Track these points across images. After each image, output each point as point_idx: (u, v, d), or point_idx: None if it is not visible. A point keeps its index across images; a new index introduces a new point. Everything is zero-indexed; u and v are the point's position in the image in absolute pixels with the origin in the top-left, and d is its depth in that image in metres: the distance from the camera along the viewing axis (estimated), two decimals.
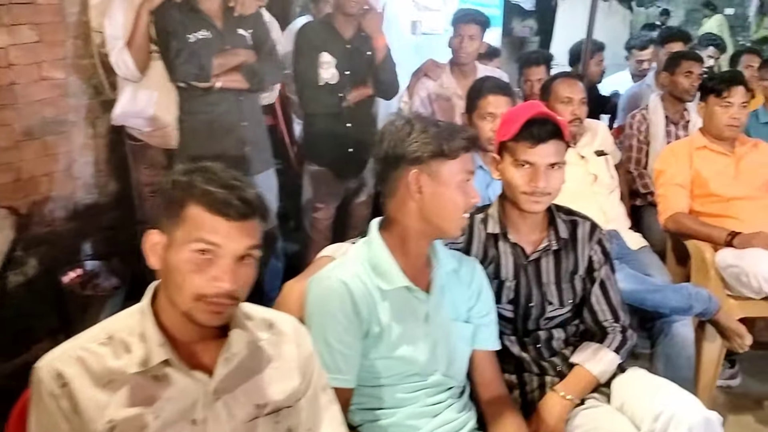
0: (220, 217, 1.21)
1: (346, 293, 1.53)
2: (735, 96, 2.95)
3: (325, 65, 3.07)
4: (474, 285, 1.74)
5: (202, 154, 2.87)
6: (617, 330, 1.92)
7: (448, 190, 1.56)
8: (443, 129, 1.58)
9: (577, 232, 1.95)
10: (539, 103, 2.01)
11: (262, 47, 2.96)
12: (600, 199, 3.02)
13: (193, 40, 2.79)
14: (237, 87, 2.88)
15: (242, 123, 2.96)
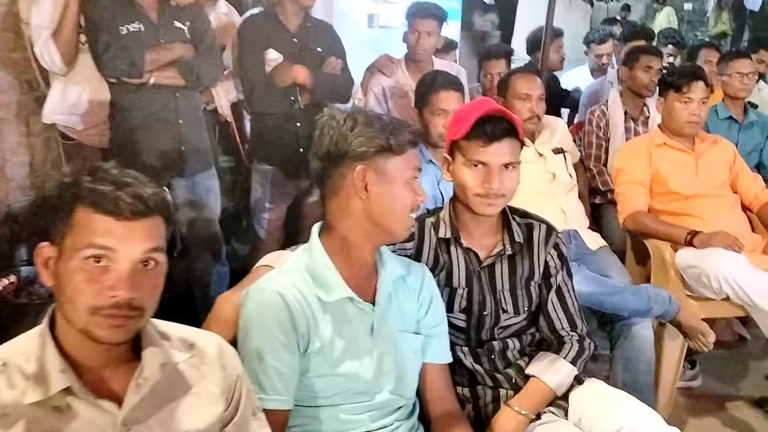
0: (110, 217, 1.09)
1: (282, 306, 1.41)
2: (695, 92, 2.89)
3: (272, 62, 2.92)
4: (424, 294, 1.63)
5: (135, 154, 2.78)
6: (574, 339, 1.83)
7: (396, 188, 1.46)
8: (387, 123, 1.48)
9: (532, 235, 1.85)
10: (492, 99, 1.90)
11: (200, 41, 2.81)
12: (559, 198, 2.93)
13: (125, 32, 2.63)
14: (172, 84, 2.73)
15: (179, 121, 2.81)
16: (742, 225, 2.88)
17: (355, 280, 1.50)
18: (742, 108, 3.62)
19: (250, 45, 2.96)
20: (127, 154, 2.77)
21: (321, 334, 1.45)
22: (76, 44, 2.67)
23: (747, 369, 3.20)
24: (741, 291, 2.50)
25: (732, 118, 3.59)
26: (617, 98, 3.65)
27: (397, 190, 1.46)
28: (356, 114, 1.48)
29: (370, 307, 1.51)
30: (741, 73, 3.53)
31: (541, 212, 2.85)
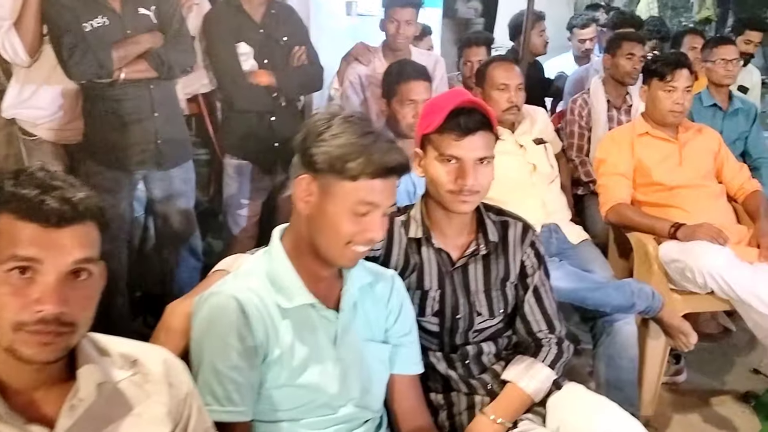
0: (35, 224, 0.98)
1: (238, 310, 1.31)
2: (679, 80, 2.80)
3: (244, 57, 2.81)
4: (392, 302, 1.54)
5: (108, 148, 2.67)
6: (552, 342, 1.75)
7: (336, 213, 1.33)
8: (361, 142, 1.31)
9: (508, 234, 1.76)
10: (464, 90, 1.81)
11: (168, 26, 2.68)
12: (539, 190, 2.85)
13: (89, 29, 2.51)
14: (144, 77, 2.62)
15: (154, 114, 2.70)
16: (727, 216, 2.81)
17: (318, 286, 1.41)
18: (726, 95, 3.55)
19: (220, 39, 2.85)
20: (101, 149, 2.68)
21: (280, 342, 1.36)
22: (39, 34, 2.55)
23: (732, 362, 3.14)
24: (726, 285, 2.43)
25: (716, 106, 3.51)
26: (599, 86, 3.56)
27: (338, 216, 1.33)
28: (339, 119, 1.35)
29: (333, 314, 1.42)
30: (725, 59, 3.45)
31: (521, 205, 2.80)
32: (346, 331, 1.44)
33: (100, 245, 1.07)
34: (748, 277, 2.43)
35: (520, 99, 2.85)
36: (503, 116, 2.86)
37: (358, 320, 1.47)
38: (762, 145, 3.55)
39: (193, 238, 2.95)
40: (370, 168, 1.29)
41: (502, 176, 2.82)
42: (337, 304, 1.44)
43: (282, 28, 2.95)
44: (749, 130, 3.55)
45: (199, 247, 3.02)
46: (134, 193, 2.84)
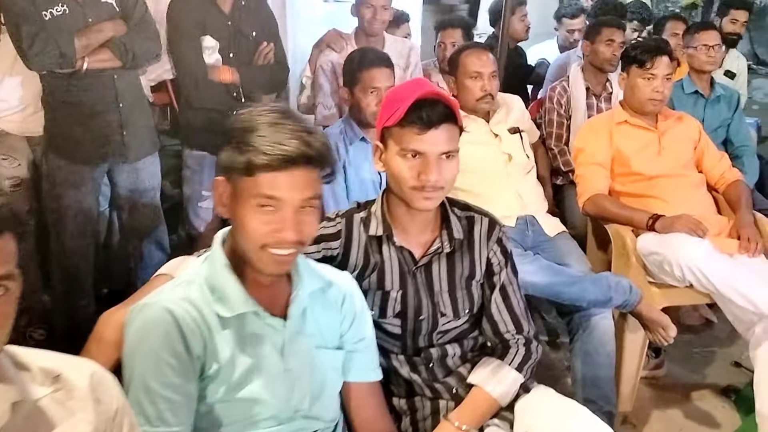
0: None
1: (171, 324, 1.22)
2: (659, 67, 2.72)
3: (208, 51, 2.70)
4: (346, 306, 1.45)
5: (72, 141, 2.57)
6: (520, 343, 1.67)
7: (244, 214, 1.24)
8: (262, 133, 1.22)
9: (473, 230, 1.67)
10: (426, 80, 1.71)
11: (132, 13, 2.58)
12: (514, 181, 2.77)
13: (49, 17, 2.41)
14: (107, 67, 2.52)
15: (119, 104, 2.61)
16: (707, 207, 2.75)
17: (262, 293, 1.32)
18: (708, 82, 3.47)
19: (183, 30, 2.73)
20: (63, 142, 2.59)
21: (220, 355, 1.27)
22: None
23: (714, 355, 3.08)
24: (704, 278, 2.36)
25: (698, 93, 3.44)
26: (579, 74, 3.48)
27: (245, 218, 1.24)
28: (255, 114, 1.26)
29: (280, 322, 1.33)
30: (707, 45, 3.37)
31: (496, 196, 2.75)
32: (294, 339, 1.35)
33: (17, 256, 0.98)
34: (727, 269, 2.36)
35: (494, 87, 2.77)
36: (477, 105, 2.79)
37: (308, 327, 1.38)
38: (744, 133, 3.49)
39: (160, 232, 2.85)
40: (265, 159, 1.20)
41: (477, 167, 2.79)
42: (285, 311, 1.35)
43: (252, 21, 2.85)
44: (731, 118, 3.48)
45: (166, 241, 2.93)
46: (100, 187, 2.75)
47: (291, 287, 1.37)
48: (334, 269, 1.49)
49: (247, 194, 1.23)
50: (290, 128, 1.22)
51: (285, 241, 1.23)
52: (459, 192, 2.79)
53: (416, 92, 1.51)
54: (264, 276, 1.31)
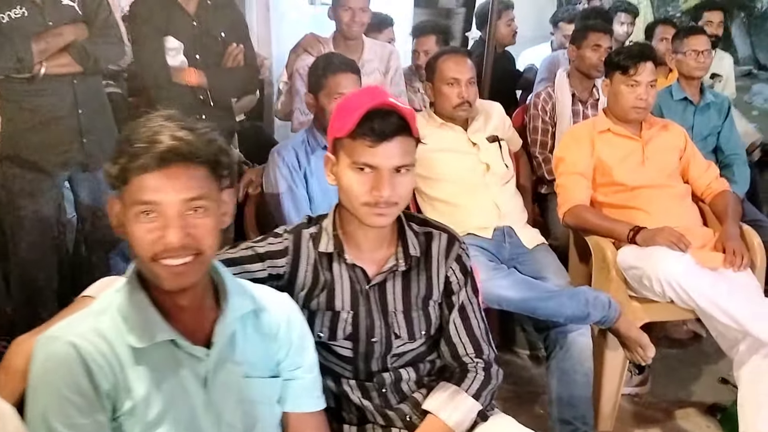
0: None
1: (75, 360, 1.12)
2: (642, 74, 2.63)
3: (172, 52, 2.62)
4: (284, 330, 1.35)
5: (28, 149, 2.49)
6: (479, 367, 1.57)
7: (131, 227, 1.16)
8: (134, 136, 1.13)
9: (431, 247, 1.58)
10: (379, 88, 1.62)
11: (95, 17, 2.51)
12: (493, 191, 2.69)
13: (6, 20, 2.35)
14: (67, 72, 2.44)
15: (78, 111, 2.54)
16: (692, 218, 2.65)
17: (183, 319, 1.22)
18: (698, 88, 3.37)
19: (146, 30, 2.64)
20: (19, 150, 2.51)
21: (133, 392, 1.17)
22: None
23: (700, 371, 2.99)
24: (685, 294, 2.27)
25: (687, 100, 3.33)
26: (564, 79, 3.38)
27: (132, 231, 1.15)
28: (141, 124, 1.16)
29: (203, 351, 1.23)
30: (696, 50, 3.27)
31: (473, 207, 2.66)
32: (220, 369, 1.25)
33: None
34: (709, 285, 2.27)
35: (471, 94, 2.68)
36: (454, 113, 2.70)
37: (237, 355, 1.28)
38: (735, 140, 3.38)
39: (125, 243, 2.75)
40: (135, 161, 1.11)
41: (453, 176, 2.71)
42: (209, 339, 1.25)
43: (219, 22, 2.75)
44: (721, 125, 3.37)
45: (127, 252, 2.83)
46: (60, 196, 2.66)
47: (218, 311, 1.27)
48: (271, 290, 1.39)
49: (129, 204, 1.14)
50: (163, 126, 1.13)
51: (170, 247, 1.14)
52: (435, 202, 2.73)
53: (368, 103, 1.41)
54: (186, 298, 1.21)
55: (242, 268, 1.47)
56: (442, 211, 2.71)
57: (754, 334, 2.19)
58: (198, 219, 1.16)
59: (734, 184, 3.17)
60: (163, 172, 1.11)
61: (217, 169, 1.19)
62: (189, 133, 1.14)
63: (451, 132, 2.75)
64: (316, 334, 1.51)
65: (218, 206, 1.21)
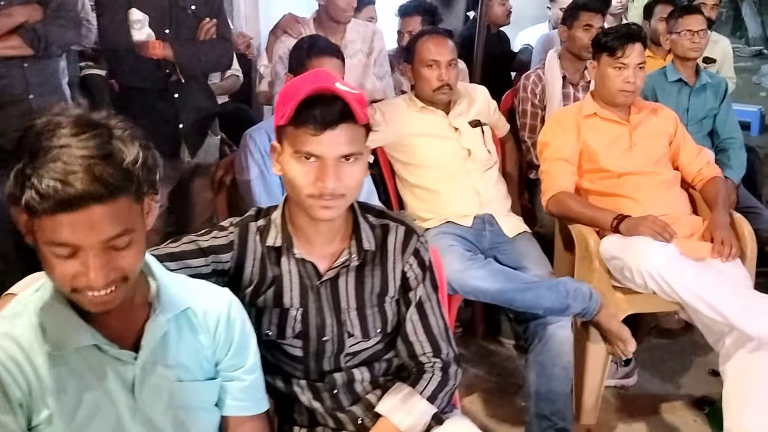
0: None
1: None
2: (630, 56, 2.52)
3: (137, 24, 2.51)
4: (222, 329, 1.27)
5: None
6: (437, 367, 1.50)
7: (42, 254, 1.04)
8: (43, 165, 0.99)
9: (387, 240, 1.50)
10: (326, 71, 1.51)
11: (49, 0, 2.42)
12: (473, 178, 2.60)
13: None
14: (16, 54, 2.35)
15: (29, 96, 2.46)
16: (680, 206, 2.55)
17: (111, 321, 1.14)
18: (693, 69, 3.25)
19: (109, 2, 2.55)
20: None
21: (50, 400, 1.10)
22: None
23: (690, 362, 2.90)
24: (667, 286, 2.18)
25: (682, 81, 3.22)
26: (555, 61, 3.28)
27: (45, 261, 1.04)
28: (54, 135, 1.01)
29: (130, 355, 1.16)
30: (691, 30, 3.15)
31: (453, 194, 2.57)
32: (149, 373, 1.18)
33: None
34: (693, 277, 2.17)
35: (452, 77, 2.59)
36: (434, 96, 2.62)
37: (169, 358, 1.21)
38: (731, 124, 3.26)
39: None
40: (43, 204, 0.97)
41: (433, 162, 2.62)
42: (138, 341, 1.18)
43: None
44: (718, 108, 3.25)
45: None
46: None
47: (148, 311, 1.20)
48: (210, 286, 1.32)
49: (41, 240, 1.03)
50: (72, 155, 0.99)
51: (93, 287, 1.05)
52: (415, 188, 2.65)
53: (308, 86, 1.33)
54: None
55: (183, 264, 1.40)
56: (422, 197, 2.63)
57: (739, 327, 2.10)
58: (122, 252, 1.06)
59: (729, 170, 3.08)
60: (79, 214, 0.99)
61: (140, 190, 1.07)
62: (105, 166, 1.00)
63: (432, 116, 2.66)
64: (264, 332, 1.44)
65: (144, 225, 1.11)
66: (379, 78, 3.14)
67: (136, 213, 1.07)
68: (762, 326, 2.08)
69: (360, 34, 3.11)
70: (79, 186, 0.97)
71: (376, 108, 2.73)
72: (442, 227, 2.50)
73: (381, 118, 2.67)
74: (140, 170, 1.06)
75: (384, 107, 2.73)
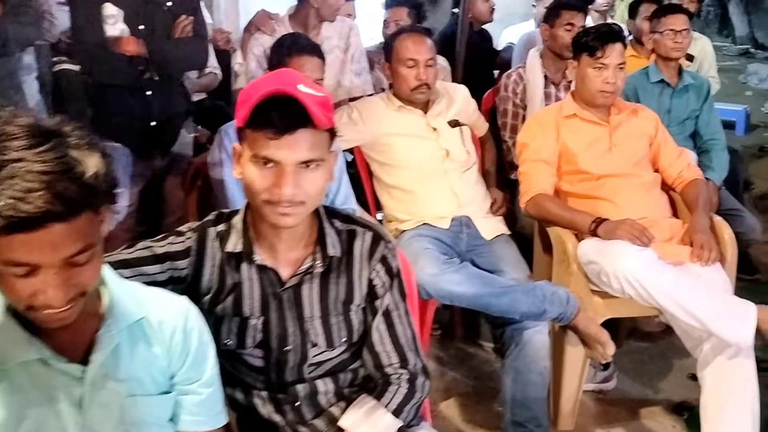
0: None
1: None
2: (610, 56, 2.48)
3: (110, 19, 2.45)
4: (178, 339, 1.22)
5: None
6: (403, 379, 1.45)
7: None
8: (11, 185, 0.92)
9: (353, 246, 1.44)
10: (292, 71, 1.45)
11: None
12: (452, 179, 2.56)
13: None
14: None
15: None
16: (660, 209, 2.52)
17: (59, 333, 1.08)
18: (676, 70, 3.22)
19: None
20: None
21: None
22: None
23: (670, 366, 2.87)
24: (645, 292, 2.14)
25: (664, 82, 3.19)
26: (537, 60, 3.23)
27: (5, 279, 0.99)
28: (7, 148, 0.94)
29: (78, 369, 1.11)
30: (673, 30, 3.12)
31: (431, 194, 2.53)
32: (98, 387, 1.12)
33: None
34: (671, 282, 2.14)
35: (430, 76, 2.54)
36: (412, 95, 2.57)
37: (121, 371, 1.15)
38: (714, 125, 3.24)
39: None
40: (0, 222, 0.92)
41: (411, 163, 2.57)
42: (87, 353, 1.12)
43: None
44: (700, 109, 3.23)
45: None
46: None
47: (100, 321, 1.14)
48: (166, 294, 1.26)
49: None
50: (29, 169, 0.92)
51: (52, 305, 1.00)
52: (392, 189, 2.60)
53: (263, 89, 1.27)
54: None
55: (138, 271, 1.34)
56: (399, 198, 2.59)
57: (716, 333, 2.07)
58: (82, 267, 1.01)
59: (711, 171, 3.05)
60: (38, 233, 0.93)
61: (99, 205, 1.02)
62: (66, 182, 0.94)
63: (410, 115, 2.61)
64: (223, 342, 1.39)
65: (101, 237, 1.06)
66: (357, 74, 3.09)
67: (95, 226, 1.03)
68: (740, 333, 2.05)
69: (336, 30, 3.05)
70: (40, 204, 0.91)
71: (353, 106, 2.68)
72: (419, 229, 2.45)
73: (358, 116, 2.62)
74: (101, 182, 1.02)
75: (361, 106, 2.68)
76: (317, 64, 2.27)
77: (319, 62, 2.28)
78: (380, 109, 2.64)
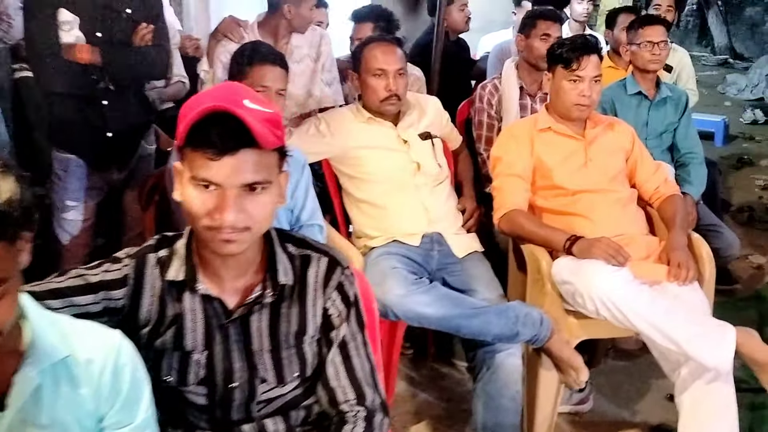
0: None
1: None
2: (586, 68, 2.40)
3: (66, 26, 2.33)
4: (107, 378, 1.11)
5: None
6: (360, 416, 1.35)
7: None
8: None
9: (307, 273, 1.34)
10: (238, 87, 1.34)
11: None
12: (423, 193, 2.47)
13: None
14: None
15: None
16: (636, 226, 2.44)
17: None
18: (653, 82, 3.15)
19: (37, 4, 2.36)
20: None
21: None
22: None
23: (647, 387, 2.78)
24: (620, 314, 2.06)
25: (642, 94, 3.12)
26: (512, 71, 3.15)
27: None
28: None
29: None
30: (651, 42, 3.05)
31: (401, 210, 2.42)
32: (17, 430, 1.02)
33: None
34: (646, 304, 2.05)
35: (400, 87, 2.45)
36: (381, 107, 2.48)
37: (43, 415, 1.05)
38: (691, 138, 3.17)
39: None
40: None
41: (380, 176, 2.47)
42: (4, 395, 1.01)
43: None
44: (678, 122, 3.16)
45: None
46: None
47: (20, 361, 1.03)
48: (96, 328, 1.15)
49: None
50: None
51: None
52: (361, 204, 2.51)
53: (200, 106, 1.16)
54: None
55: (69, 302, 1.23)
56: (369, 213, 2.49)
57: (694, 357, 1.99)
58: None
59: (689, 185, 2.99)
60: None
61: (15, 234, 0.94)
62: None
63: (380, 128, 2.52)
64: (163, 378, 1.28)
65: (18, 269, 0.97)
66: (328, 84, 2.99)
67: (10, 258, 0.94)
68: (719, 356, 1.97)
69: (307, 39, 2.95)
70: None
71: (321, 118, 2.59)
72: (388, 247, 2.35)
73: (326, 128, 2.53)
74: (16, 209, 0.92)
75: (329, 117, 2.58)
76: (279, 74, 2.16)
77: (281, 72, 2.18)
78: (349, 120, 2.55)
